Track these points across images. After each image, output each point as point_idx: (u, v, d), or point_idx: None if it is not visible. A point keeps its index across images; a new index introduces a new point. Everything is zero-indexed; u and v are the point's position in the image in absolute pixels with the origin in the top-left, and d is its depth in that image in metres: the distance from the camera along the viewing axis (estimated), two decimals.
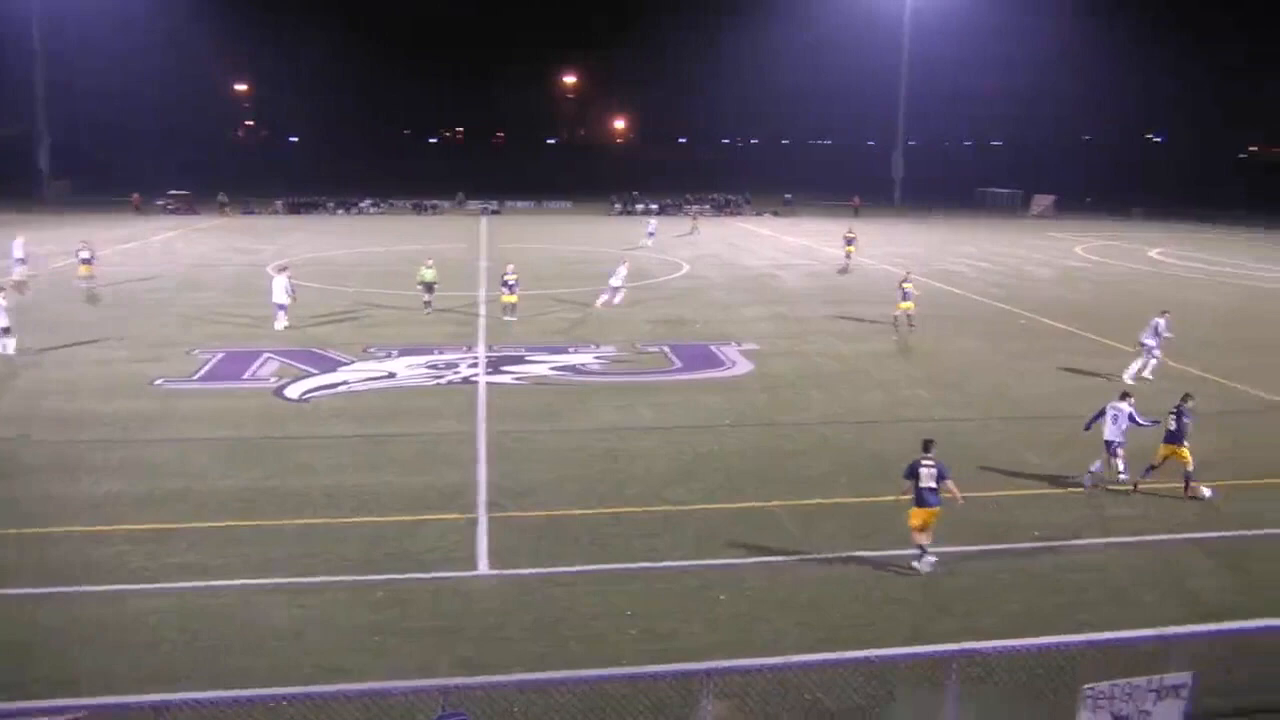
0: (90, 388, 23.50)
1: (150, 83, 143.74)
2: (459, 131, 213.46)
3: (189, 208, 77.59)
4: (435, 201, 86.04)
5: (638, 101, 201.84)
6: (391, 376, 25.03)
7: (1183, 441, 17.11)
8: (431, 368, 25.97)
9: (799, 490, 17.20)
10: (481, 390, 23.78)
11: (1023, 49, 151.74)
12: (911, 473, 14.10)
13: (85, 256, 37.20)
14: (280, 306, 30.81)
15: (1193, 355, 28.15)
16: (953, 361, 27.82)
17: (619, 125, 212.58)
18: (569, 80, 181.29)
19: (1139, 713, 8.42)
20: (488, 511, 16.05)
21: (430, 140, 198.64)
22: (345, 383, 24.25)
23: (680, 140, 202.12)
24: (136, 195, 76.89)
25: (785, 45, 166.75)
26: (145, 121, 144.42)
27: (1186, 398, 17.80)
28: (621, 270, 35.77)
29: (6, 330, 26.16)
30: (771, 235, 66.67)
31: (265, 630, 12.20)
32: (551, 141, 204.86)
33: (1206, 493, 17.05)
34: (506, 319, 32.14)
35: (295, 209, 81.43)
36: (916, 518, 14.06)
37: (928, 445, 14.35)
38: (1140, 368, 25.60)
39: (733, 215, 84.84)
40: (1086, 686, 8.33)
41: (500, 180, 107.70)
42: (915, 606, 13.10)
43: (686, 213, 79.95)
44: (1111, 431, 17.76)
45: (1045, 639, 9.54)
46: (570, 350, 28.37)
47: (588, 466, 18.42)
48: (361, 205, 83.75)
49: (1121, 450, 17.67)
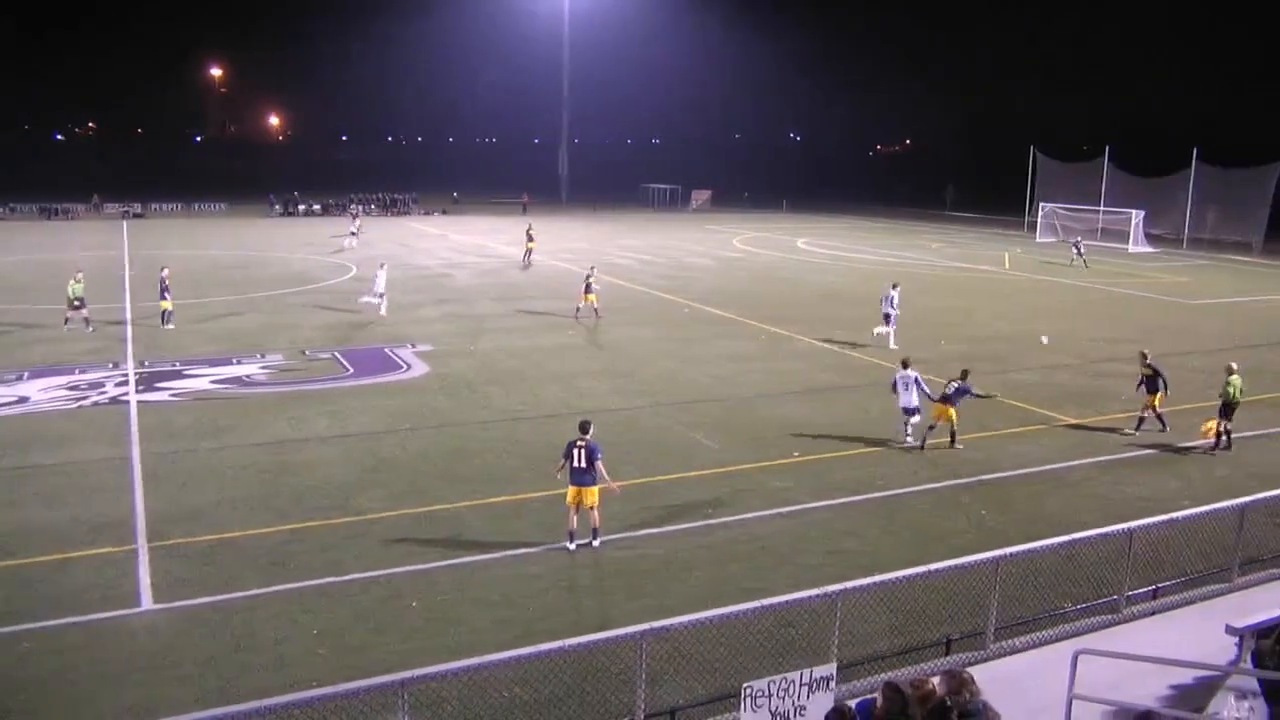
0: None
1: None
2: (90, 126, 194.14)
3: None
4: (67, 205, 77.55)
5: (294, 97, 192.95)
6: (24, 401, 22.39)
7: (955, 404, 19.88)
8: (73, 389, 23.49)
9: (485, 489, 17.19)
10: (133, 410, 21.82)
11: (677, 52, 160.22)
12: (566, 453, 14.80)
13: None
14: None
15: (823, 332, 31.06)
16: (625, 351, 28.90)
17: (274, 122, 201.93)
18: (215, 72, 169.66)
19: (796, 708, 8.73)
20: (148, 540, 14.75)
21: (56, 136, 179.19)
22: None
23: (342, 138, 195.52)
24: None
25: (447, 42, 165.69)
26: None
27: (965, 374, 20.32)
28: (381, 275, 34.58)
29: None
30: (441, 234, 66.07)
31: None
32: (198, 139, 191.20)
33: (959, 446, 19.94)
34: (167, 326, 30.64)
35: None
36: (573, 496, 14.70)
37: (585, 426, 15.04)
38: (887, 333, 29.57)
39: (400, 215, 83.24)
40: (745, 685, 8.66)
41: (142, 180, 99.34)
42: (605, 593, 13.48)
43: (353, 214, 77.61)
44: (906, 399, 20.17)
45: (723, 609, 10.10)
46: (234, 361, 26.67)
47: (260, 483, 17.40)
48: None
49: (919, 416, 20.18)
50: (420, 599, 13.09)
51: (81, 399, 22.68)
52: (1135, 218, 64.90)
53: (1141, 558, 12.71)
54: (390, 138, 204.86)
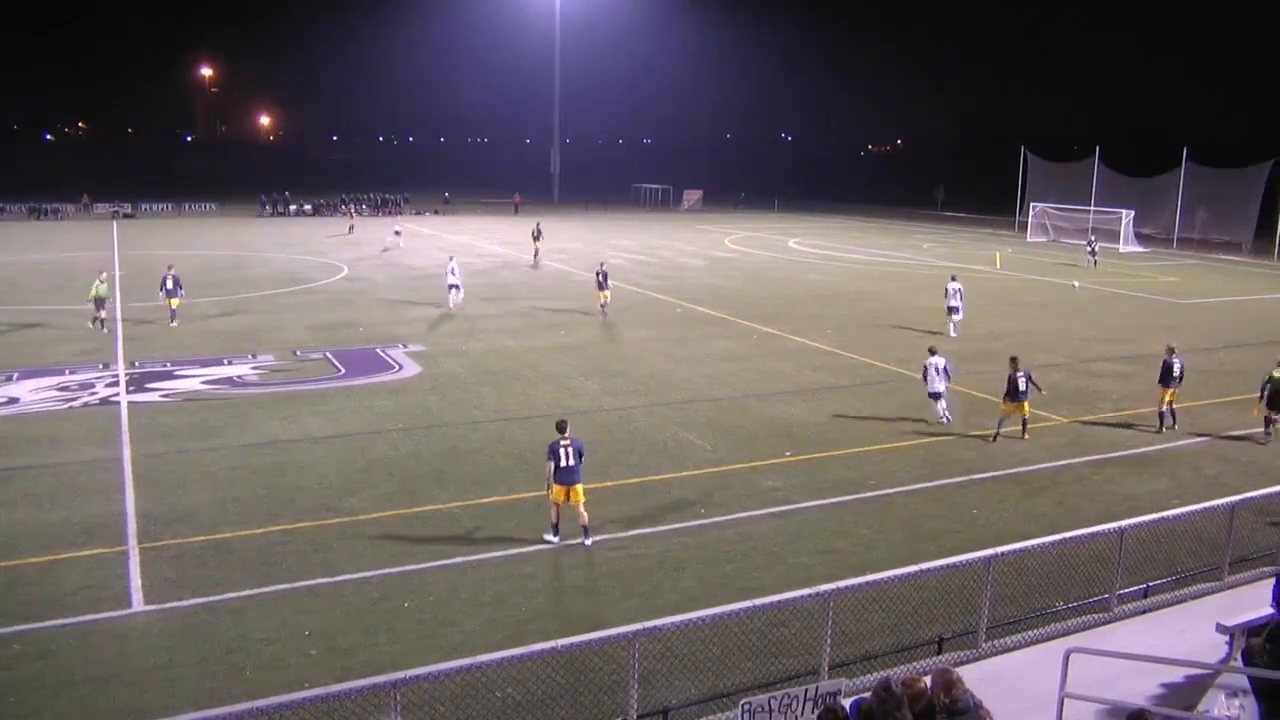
0: None
1: None
2: (80, 126, 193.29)
3: None
4: (56, 206, 77.23)
5: (285, 97, 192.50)
6: (14, 402, 22.29)
7: (1026, 398, 20.62)
8: (63, 390, 23.40)
9: (477, 489, 17.16)
10: (123, 411, 21.74)
11: (669, 52, 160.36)
12: (553, 454, 14.71)
13: None
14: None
15: (816, 332, 31.13)
16: (617, 351, 28.89)
17: (265, 122, 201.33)
18: (206, 72, 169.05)
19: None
20: (139, 542, 14.70)
21: (46, 136, 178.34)
22: None
23: (333, 138, 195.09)
24: None
25: (438, 42, 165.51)
26: None
27: (1015, 361, 21.03)
28: (453, 266, 36.50)
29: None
30: (433, 234, 65.98)
31: None
32: (189, 139, 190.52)
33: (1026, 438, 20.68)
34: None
35: None
36: (560, 495, 14.71)
37: (562, 426, 15.08)
38: (952, 327, 32.54)
39: (392, 215, 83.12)
40: (744, 700, 8.55)
41: (132, 181, 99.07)
42: (597, 593, 13.47)
43: (345, 213, 77.57)
44: (933, 383, 21.44)
45: (715, 609, 10.10)
46: (225, 362, 26.60)
47: (252, 483, 17.35)
48: None
49: (944, 399, 21.45)
50: (412, 599, 13.06)
51: (72, 400, 22.59)
52: (1125, 218, 65.13)
53: (1132, 556, 12.74)
54: (381, 138, 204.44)
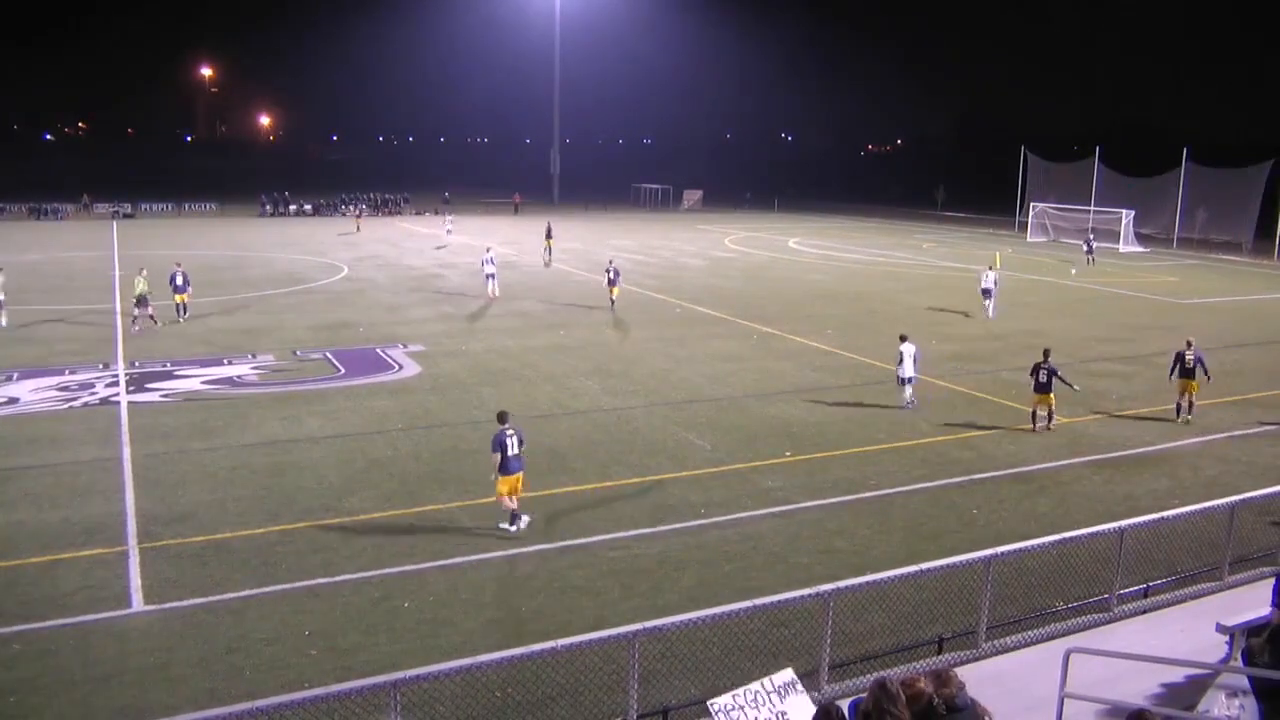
0: None
1: None
2: (81, 126, 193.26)
3: None
4: (56, 205, 77.26)
5: (285, 97, 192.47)
6: (14, 402, 22.29)
7: (1050, 390, 20.98)
8: (63, 390, 23.40)
9: (476, 489, 17.13)
10: (123, 411, 21.74)
11: (669, 53, 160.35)
12: (499, 445, 15.07)
13: None
14: None
15: (815, 332, 31.16)
16: (617, 351, 28.88)
17: (265, 122, 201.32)
18: (206, 73, 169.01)
19: (777, 714, 8.55)
20: (139, 542, 14.71)
21: (46, 136, 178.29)
22: None
23: (333, 138, 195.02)
24: None
25: (438, 43, 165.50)
26: None
27: (1047, 354, 21.48)
28: (491, 255, 39.47)
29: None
30: (433, 234, 65.99)
31: None
32: (189, 139, 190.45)
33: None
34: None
35: None
36: (506, 485, 15.08)
37: (504, 417, 15.60)
38: (988, 305, 36.23)
39: (391, 215, 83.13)
40: (710, 702, 8.51)
41: (132, 181, 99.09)
42: (597, 593, 13.47)
43: (344, 213, 77.86)
44: (903, 369, 22.46)
45: (715, 609, 10.10)
46: (225, 362, 26.60)
47: (252, 483, 17.35)
48: None
49: (911, 385, 22.56)
50: (412, 599, 13.06)
51: (72, 400, 22.59)
52: (1126, 218, 65.12)
53: (1132, 556, 12.74)
54: (381, 138, 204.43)
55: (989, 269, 37.96)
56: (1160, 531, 13.40)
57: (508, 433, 15.19)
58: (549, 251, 51.39)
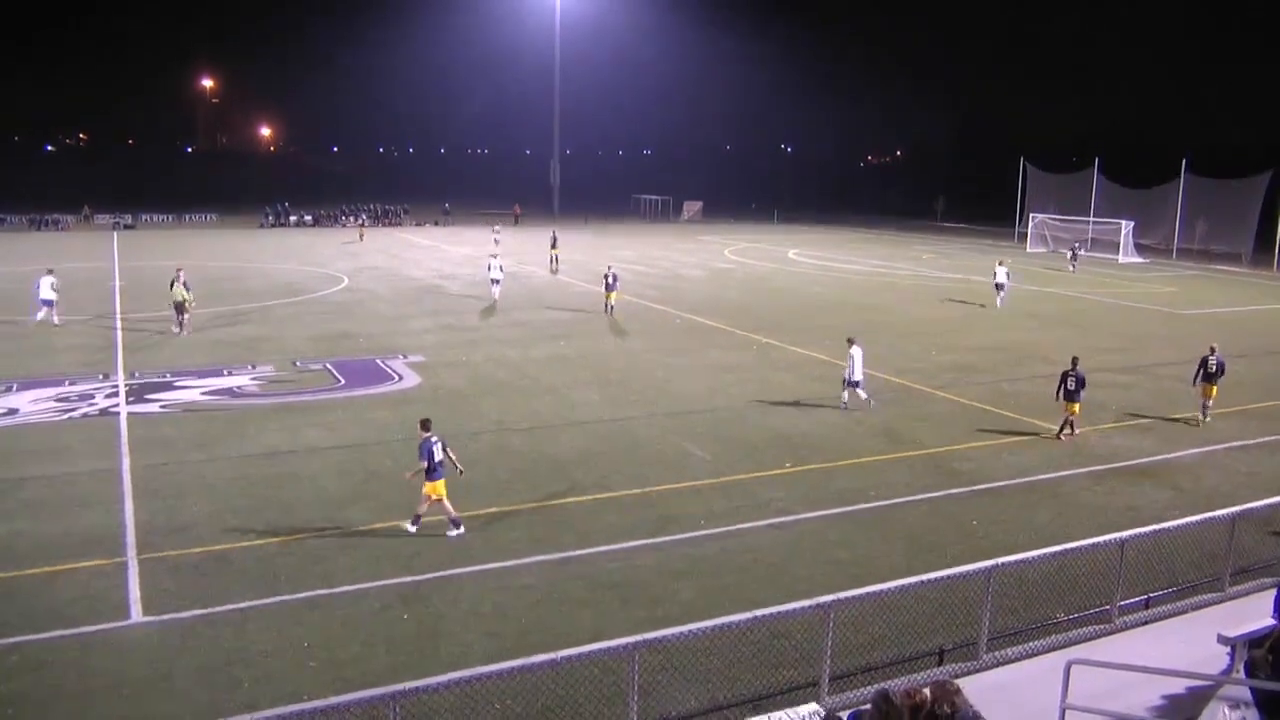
0: None
1: None
2: (81, 137, 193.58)
3: None
4: (57, 216, 77.39)
5: (285, 108, 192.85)
6: (13, 413, 22.28)
7: (1078, 398, 21.28)
8: (62, 400, 23.39)
9: (477, 500, 17.12)
10: (123, 422, 21.73)
11: (668, 64, 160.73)
12: (427, 452, 15.32)
13: None
14: (46, 303, 32.88)
15: (815, 342, 31.13)
16: (617, 362, 28.88)
17: (265, 133, 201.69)
18: (206, 83, 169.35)
19: None
20: (138, 553, 14.68)
21: (46, 147, 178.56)
22: None
23: (334, 149, 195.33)
24: None
25: (439, 54, 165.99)
26: None
27: (1075, 362, 21.62)
28: (500, 263, 41.29)
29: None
30: (433, 245, 66.07)
31: None
32: (189, 150, 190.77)
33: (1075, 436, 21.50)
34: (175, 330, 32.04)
35: None
36: (436, 490, 15.39)
37: (427, 424, 15.76)
38: (1001, 299, 41.42)
39: (392, 226, 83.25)
40: None
41: (133, 191, 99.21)
42: (597, 604, 13.43)
43: (345, 224, 78.28)
44: (850, 371, 23.22)
45: (715, 620, 10.06)
46: (224, 372, 26.59)
47: (251, 494, 17.33)
48: None
49: (861, 385, 23.34)
50: (411, 611, 13.03)
51: (71, 410, 22.58)
52: (1125, 228, 65.21)
53: (1133, 568, 12.72)
54: (381, 149, 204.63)
55: (999, 264, 42.98)
56: (1161, 542, 13.38)
57: (433, 440, 15.47)
58: (555, 260, 52.29)
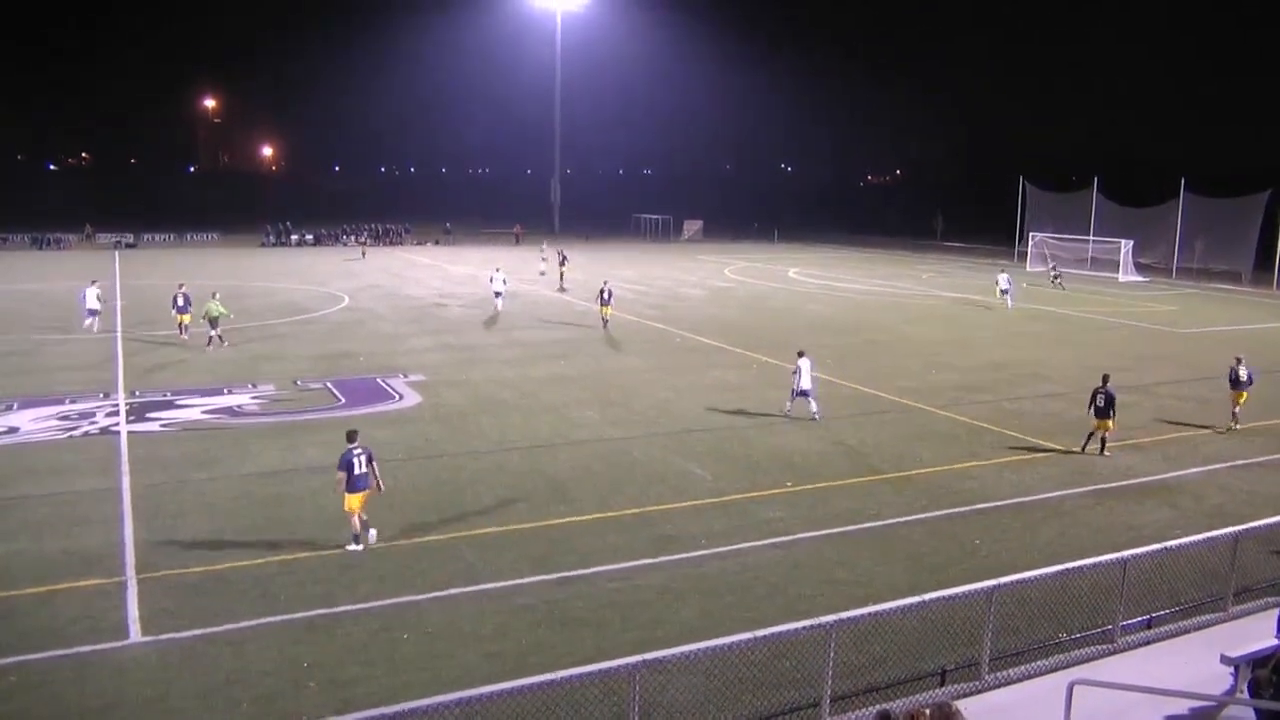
0: None
1: None
2: (83, 157, 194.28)
3: None
4: (59, 235, 77.61)
5: (287, 128, 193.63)
6: (13, 432, 22.27)
7: (1109, 415, 21.46)
8: (63, 419, 23.38)
9: (477, 520, 17.11)
10: (123, 440, 21.72)
11: (668, 84, 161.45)
12: (346, 464, 15.52)
13: None
14: (92, 312, 35.59)
15: (815, 362, 31.15)
16: (617, 381, 28.86)
17: (267, 152, 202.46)
18: (209, 103, 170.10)
19: None
20: (137, 572, 14.64)
21: (49, 166, 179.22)
22: None
23: (335, 168, 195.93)
24: None
25: (440, 74, 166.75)
26: None
27: (1106, 379, 21.80)
28: (504, 276, 43.82)
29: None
30: (434, 264, 66.19)
31: None
32: (191, 169, 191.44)
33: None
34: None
35: None
36: (354, 503, 15.59)
37: (352, 436, 15.96)
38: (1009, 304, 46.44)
39: (393, 245, 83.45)
40: None
41: (134, 211, 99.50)
42: (598, 624, 13.38)
43: (346, 243, 78.61)
44: (800, 382, 24.00)
45: (716, 641, 10.03)
46: (225, 391, 26.59)
47: (251, 513, 17.30)
48: None
49: (812, 395, 24.19)
50: (411, 632, 12.99)
51: (72, 429, 22.57)
52: (1124, 247, 65.30)
53: (1136, 587, 12.69)
54: (383, 168, 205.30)
55: (1001, 273, 49.09)
56: (1163, 562, 13.34)
57: (355, 452, 15.60)
58: (562, 277, 53.70)
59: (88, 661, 12.06)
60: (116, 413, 24.13)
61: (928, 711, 7.93)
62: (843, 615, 10.48)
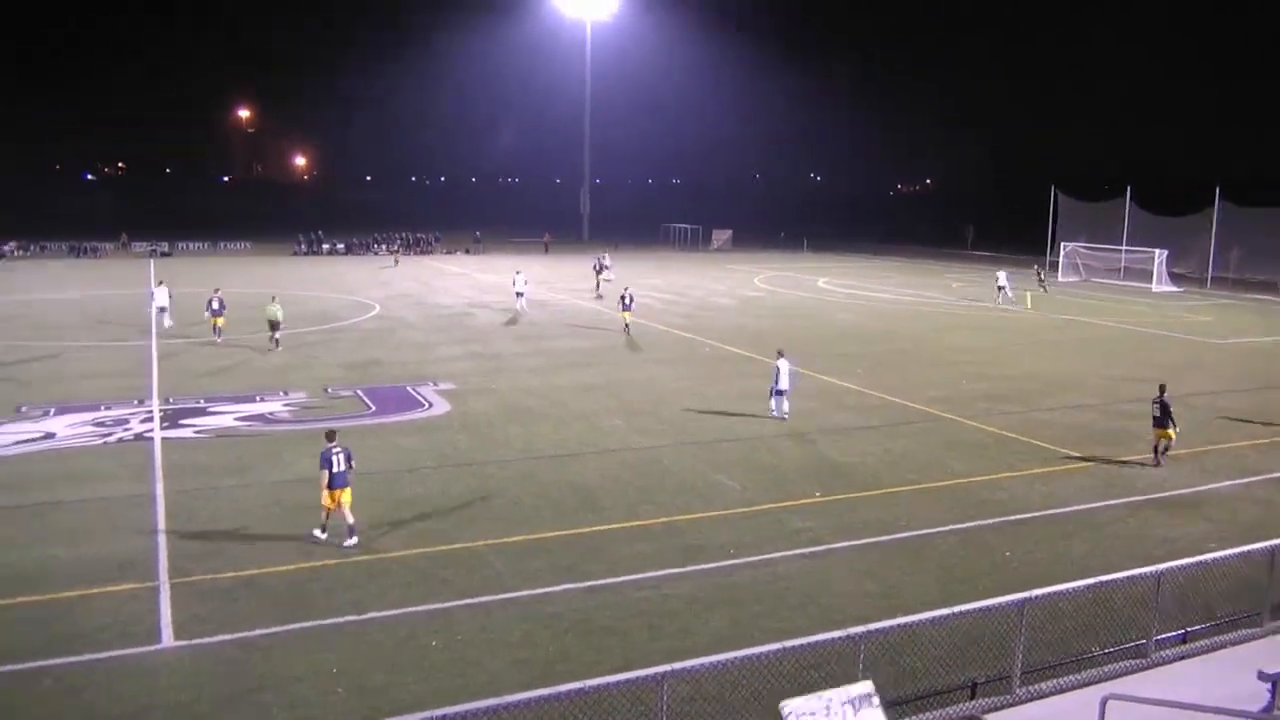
0: None
1: None
2: (120, 166, 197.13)
3: None
4: (96, 244, 78.75)
5: (319, 138, 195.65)
6: (50, 437, 22.58)
7: (1167, 425, 21.33)
8: (98, 425, 23.68)
9: (505, 528, 17.15)
10: (157, 447, 21.96)
11: (698, 94, 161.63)
12: (326, 461, 16.06)
13: None
14: (161, 309, 38.80)
15: (845, 371, 31.02)
16: (646, 390, 28.86)
17: (300, 162, 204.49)
18: (244, 114, 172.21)
19: None
20: (170, 578, 14.79)
21: (86, 176, 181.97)
22: None
23: (366, 178, 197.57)
24: None
25: (470, 84, 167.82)
26: None
27: (1163, 389, 21.67)
28: (525, 278, 46.76)
29: None
30: (463, 273, 66.53)
31: None
32: (225, 179, 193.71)
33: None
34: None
35: None
36: (332, 499, 16.10)
37: (331, 435, 16.57)
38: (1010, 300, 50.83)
39: (423, 254, 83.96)
40: (783, 703, 8.61)
41: (169, 220, 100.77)
42: (626, 633, 13.37)
43: (377, 252, 79.38)
44: (779, 382, 24.86)
45: (745, 651, 10.00)
46: (257, 399, 26.83)
47: (282, 520, 17.43)
48: (4, 249, 75.31)
49: (786, 396, 24.98)
50: (439, 639, 13.03)
51: (107, 435, 22.85)
52: (1158, 257, 64.59)
53: (1170, 601, 12.52)
54: (414, 178, 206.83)
55: (1000, 271, 54.96)
56: (1198, 575, 13.17)
57: (334, 450, 16.10)
58: (599, 285, 54.15)
59: (120, 666, 12.19)
60: (151, 419, 24.41)
61: None
62: (872, 626, 10.42)
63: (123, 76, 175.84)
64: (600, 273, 56.13)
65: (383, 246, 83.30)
